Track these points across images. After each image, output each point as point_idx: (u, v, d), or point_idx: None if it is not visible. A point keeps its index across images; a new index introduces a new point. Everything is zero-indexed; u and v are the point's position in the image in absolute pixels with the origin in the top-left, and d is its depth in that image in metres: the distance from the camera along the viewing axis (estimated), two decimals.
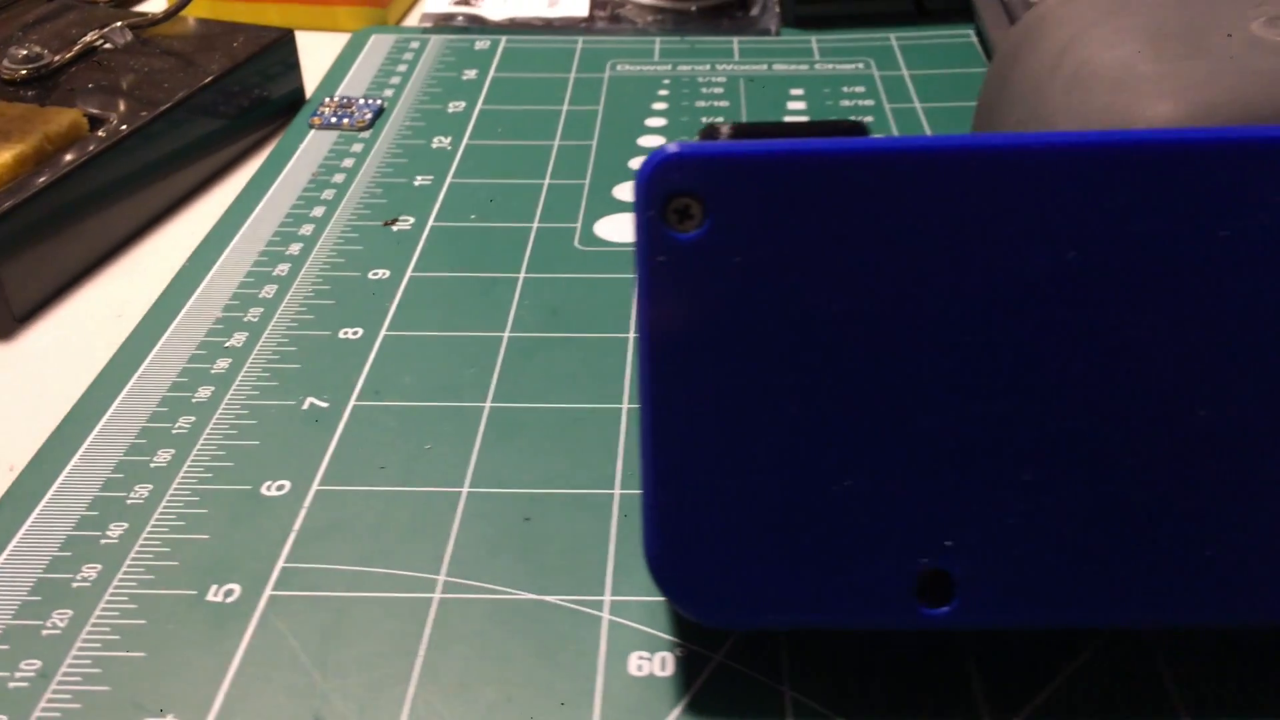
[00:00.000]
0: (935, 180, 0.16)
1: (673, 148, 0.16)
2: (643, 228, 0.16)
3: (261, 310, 0.27)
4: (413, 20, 0.45)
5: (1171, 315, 0.16)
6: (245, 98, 0.35)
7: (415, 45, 0.42)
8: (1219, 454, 0.16)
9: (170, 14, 0.36)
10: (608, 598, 0.19)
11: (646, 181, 0.16)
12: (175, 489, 0.22)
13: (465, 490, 0.21)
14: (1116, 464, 0.16)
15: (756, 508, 0.16)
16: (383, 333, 0.26)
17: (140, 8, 0.43)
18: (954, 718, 0.17)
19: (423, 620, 0.19)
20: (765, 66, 0.40)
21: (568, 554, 0.20)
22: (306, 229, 0.30)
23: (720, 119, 0.36)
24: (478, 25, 0.43)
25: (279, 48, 0.36)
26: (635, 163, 0.33)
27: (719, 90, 0.38)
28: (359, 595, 0.19)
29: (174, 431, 0.23)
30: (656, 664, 0.18)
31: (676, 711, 0.17)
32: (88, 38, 0.35)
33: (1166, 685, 0.18)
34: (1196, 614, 0.16)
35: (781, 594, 0.17)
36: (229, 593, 0.19)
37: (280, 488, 0.22)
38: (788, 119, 0.36)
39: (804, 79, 0.38)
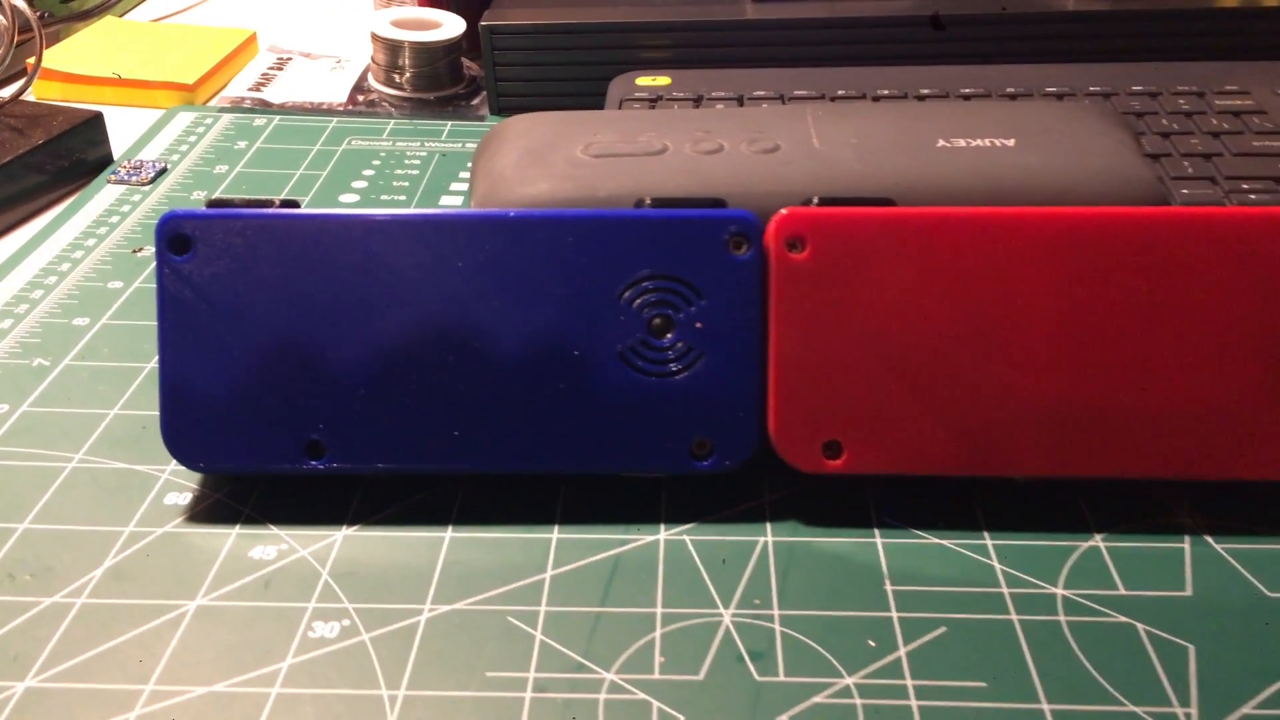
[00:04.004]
0: (310, 234, 0.30)
1: (178, 211, 0.30)
2: (158, 253, 0.30)
3: (27, 306, 0.41)
4: (218, 101, 0.59)
5: (448, 300, 0.30)
6: (63, 160, 0.49)
7: (210, 121, 0.56)
8: (466, 374, 0.30)
9: (10, 101, 0.50)
10: (173, 466, 0.33)
11: (159, 228, 0.30)
12: None
13: (114, 412, 0.35)
14: (411, 386, 0.30)
15: (217, 405, 0.30)
16: (102, 321, 0.40)
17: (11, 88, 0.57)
18: (328, 521, 0.31)
19: (55, 478, 0.32)
20: (460, 145, 0.54)
21: (159, 443, 0.33)
22: (78, 254, 0.44)
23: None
24: (261, 106, 0.58)
25: (89, 125, 0.50)
26: None
27: (417, 162, 0.52)
28: (19, 465, 0.33)
29: None
30: (182, 499, 0.32)
31: (180, 520, 0.31)
32: None
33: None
34: (452, 465, 0.30)
35: (229, 454, 0.30)
36: None
37: (2, 409, 0.35)
38: (456, 185, 0.50)
39: None
